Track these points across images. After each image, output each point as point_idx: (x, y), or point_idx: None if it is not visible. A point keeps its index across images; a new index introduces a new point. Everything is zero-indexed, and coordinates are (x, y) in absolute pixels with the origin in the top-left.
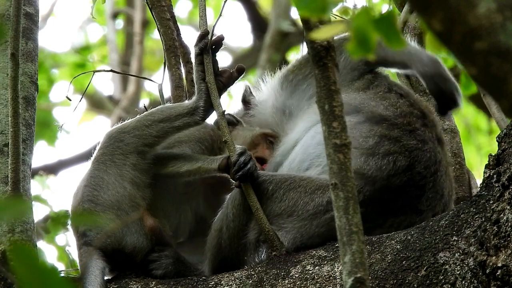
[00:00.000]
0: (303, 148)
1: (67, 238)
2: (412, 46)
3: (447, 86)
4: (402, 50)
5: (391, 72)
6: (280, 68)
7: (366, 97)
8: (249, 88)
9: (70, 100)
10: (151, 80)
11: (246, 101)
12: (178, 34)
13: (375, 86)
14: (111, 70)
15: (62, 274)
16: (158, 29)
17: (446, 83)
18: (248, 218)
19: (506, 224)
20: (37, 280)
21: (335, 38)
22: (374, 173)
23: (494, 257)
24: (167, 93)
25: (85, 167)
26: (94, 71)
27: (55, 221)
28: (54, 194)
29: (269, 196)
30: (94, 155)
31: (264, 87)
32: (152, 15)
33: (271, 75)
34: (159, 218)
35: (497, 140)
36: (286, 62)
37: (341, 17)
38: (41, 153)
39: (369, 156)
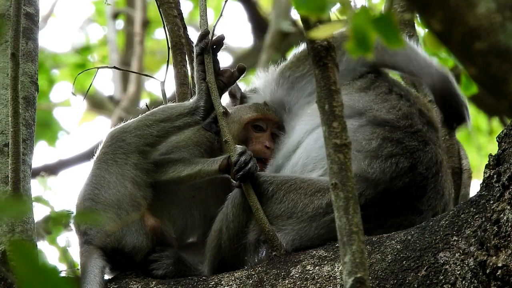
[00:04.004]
0: (305, 151)
1: (68, 239)
2: (422, 57)
3: (455, 103)
4: (413, 60)
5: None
6: (275, 64)
7: (368, 99)
8: (236, 83)
9: (75, 95)
10: (153, 78)
11: (233, 94)
12: (185, 31)
13: (376, 87)
14: (114, 67)
15: (63, 274)
16: (164, 26)
17: (454, 99)
18: (248, 218)
19: (506, 224)
20: (37, 279)
21: (336, 35)
22: (377, 176)
23: (494, 257)
24: (169, 91)
25: (87, 167)
26: (98, 68)
27: (55, 221)
28: (55, 195)
29: (269, 197)
30: (96, 154)
31: (258, 82)
32: (160, 12)
33: (265, 71)
34: (163, 221)
35: (497, 140)
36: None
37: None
38: (42, 153)
39: (373, 158)
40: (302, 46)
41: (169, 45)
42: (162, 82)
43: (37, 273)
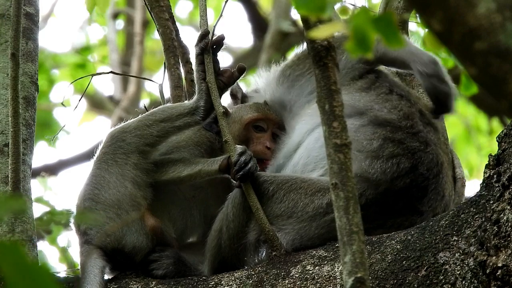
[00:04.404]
0: (306, 150)
1: (69, 239)
2: (413, 45)
3: (443, 88)
4: (403, 48)
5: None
6: (277, 64)
7: (369, 99)
8: (237, 83)
9: (64, 106)
10: (151, 80)
11: (234, 94)
12: (177, 34)
13: (377, 87)
14: (111, 72)
15: (61, 274)
16: (157, 30)
17: (442, 84)
18: (248, 218)
19: (506, 224)
20: (24, 278)
21: (335, 36)
22: (378, 176)
23: (494, 257)
24: (168, 93)
25: (87, 167)
26: (93, 75)
27: (50, 220)
28: (56, 195)
29: (269, 197)
30: (96, 154)
31: (260, 81)
32: (151, 15)
33: (266, 70)
34: (163, 220)
35: (497, 140)
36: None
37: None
38: (42, 154)
39: (374, 159)
40: (304, 46)
41: (163, 48)
42: (160, 85)
43: (24, 271)
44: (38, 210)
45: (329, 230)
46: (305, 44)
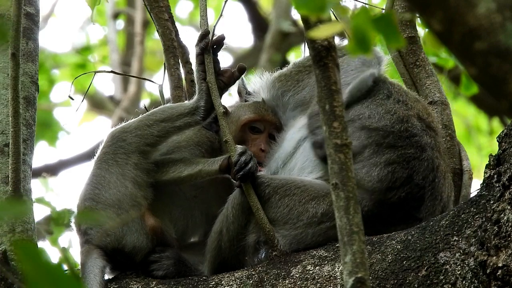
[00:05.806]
0: (302, 156)
1: (70, 239)
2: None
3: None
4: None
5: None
6: (274, 70)
7: (360, 107)
8: (243, 80)
9: (72, 99)
10: (152, 81)
11: (240, 92)
12: (177, 34)
13: (374, 94)
14: (112, 71)
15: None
16: (157, 30)
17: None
18: (247, 220)
19: (507, 224)
20: (43, 277)
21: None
22: (374, 184)
23: (494, 257)
24: (168, 93)
25: (88, 167)
26: (96, 72)
27: (56, 221)
28: (57, 196)
29: (265, 200)
30: (97, 154)
31: (254, 86)
32: (151, 16)
33: (261, 76)
34: (164, 221)
35: (497, 140)
36: (286, 62)
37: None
38: (42, 154)
39: (372, 166)
40: (299, 58)
41: (163, 48)
42: (160, 85)
43: (43, 271)
44: (38, 211)
45: (326, 238)
46: (300, 57)
